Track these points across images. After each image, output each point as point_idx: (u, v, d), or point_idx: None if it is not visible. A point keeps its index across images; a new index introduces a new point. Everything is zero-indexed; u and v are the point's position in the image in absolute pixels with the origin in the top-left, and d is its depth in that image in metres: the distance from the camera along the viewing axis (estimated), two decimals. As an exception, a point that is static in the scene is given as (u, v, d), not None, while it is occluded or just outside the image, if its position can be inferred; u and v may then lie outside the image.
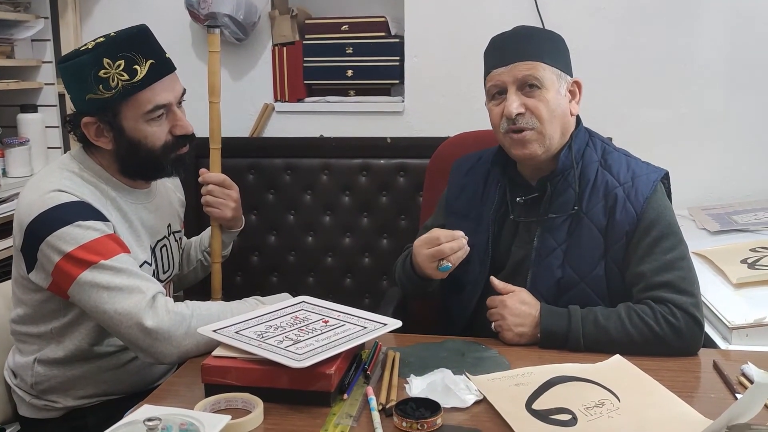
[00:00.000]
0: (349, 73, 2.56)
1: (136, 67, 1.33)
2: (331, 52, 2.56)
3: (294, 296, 1.46)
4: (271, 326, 1.28)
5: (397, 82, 2.57)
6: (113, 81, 1.32)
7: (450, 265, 1.37)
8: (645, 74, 2.41)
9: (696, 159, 2.41)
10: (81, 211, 1.30)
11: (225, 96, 2.62)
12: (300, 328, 1.27)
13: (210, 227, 1.72)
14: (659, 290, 1.35)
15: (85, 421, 1.43)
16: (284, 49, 2.59)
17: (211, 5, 2.41)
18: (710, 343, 1.48)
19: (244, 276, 2.67)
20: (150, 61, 1.35)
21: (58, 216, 1.29)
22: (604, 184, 1.43)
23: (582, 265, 1.42)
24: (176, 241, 1.61)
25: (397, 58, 2.53)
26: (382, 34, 2.53)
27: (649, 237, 1.38)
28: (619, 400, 1.13)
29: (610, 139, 1.73)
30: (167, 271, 1.55)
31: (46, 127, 2.53)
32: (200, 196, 1.64)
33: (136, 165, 1.42)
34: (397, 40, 2.53)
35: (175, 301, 1.36)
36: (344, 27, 2.54)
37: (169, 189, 1.64)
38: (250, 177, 2.61)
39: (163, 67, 1.39)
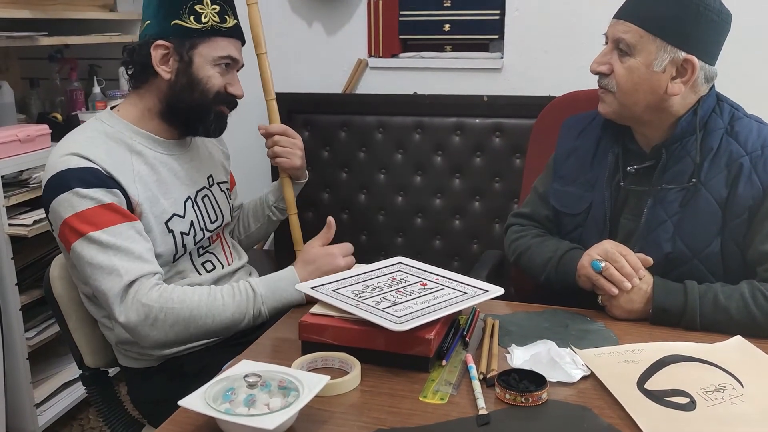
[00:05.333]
0: (446, 27, 2.47)
1: (227, 17, 1.42)
2: (429, 4, 2.47)
3: (384, 257, 1.43)
4: (368, 286, 1.25)
5: (497, 37, 2.46)
6: (205, 17, 1.39)
7: (602, 265, 1.28)
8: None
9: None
10: (84, 177, 1.30)
11: (319, 51, 2.62)
12: (398, 290, 1.24)
13: (273, 183, 1.71)
14: None
15: (182, 369, 1.45)
16: (380, 2, 2.52)
17: (308, -43, 2.37)
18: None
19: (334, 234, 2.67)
20: (235, 21, 1.45)
21: (62, 181, 1.30)
22: (728, 153, 1.31)
23: (695, 240, 1.32)
24: (222, 191, 1.60)
25: (498, 11, 2.42)
26: (483, -14, 2.42)
27: None
28: (742, 386, 1.04)
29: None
30: (215, 221, 1.53)
31: (146, 79, 2.57)
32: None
33: (184, 104, 1.42)
34: (499, -7, 2.42)
35: (242, 266, 1.41)
36: (443, -21, 2.45)
37: (209, 142, 1.63)
38: (341, 134, 2.59)
39: (241, 34, 1.48)
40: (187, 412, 0.96)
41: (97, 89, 2.48)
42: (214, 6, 1.39)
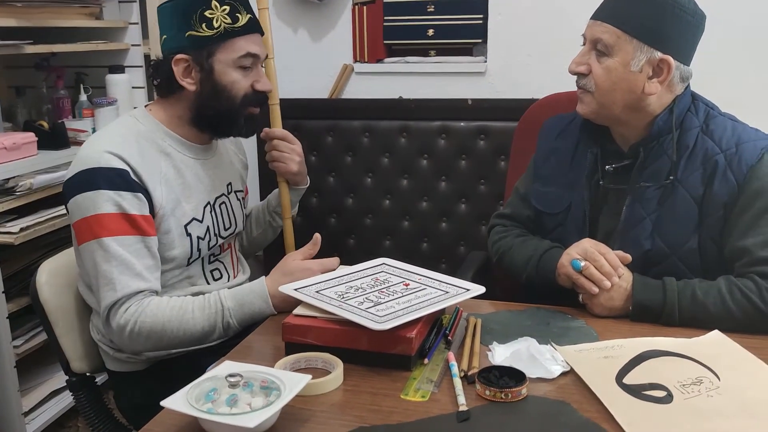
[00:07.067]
0: (430, 32, 2.49)
1: (239, 15, 1.41)
2: (412, 10, 2.50)
3: (371, 259, 1.44)
4: (351, 287, 1.26)
5: (480, 41, 2.48)
6: (216, 22, 1.38)
7: (582, 264, 1.29)
8: (749, 31, 2.23)
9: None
10: (112, 178, 1.32)
11: (305, 57, 2.64)
12: (380, 290, 1.25)
13: (275, 190, 1.72)
14: (766, 265, 1.25)
15: (169, 373, 1.46)
16: (364, 8, 2.54)
17: (293, -37, 2.39)
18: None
19: (322, 238, 2.68)
20: (249, 15, 1.43)
21: (91, 179, 1.33)
22: (704, 150, 1.33)
23: (673, 237, 1.34)
24: (238, 200, 1.62)
25: (480, 16, 2.44)
26: (466, -9, 2.45)
27: (753, 209, 1.28)
28: (718, 379, 1.06)
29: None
30: (228, 228, 1.56)
31: (133, 87, 2.58)
32: (265, 163, 1.66)
33: (213, 111, 1.43)
34: (481, -3, 2.44)
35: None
36: (426, -16, 2.47)
37: (231, 150, 1.66)
38: (328, 139, 2.61)
39: (257, 26, 1.47)
40: (171, 412, 0.97)
41: (83, 97, 2.48)
42: (224, 7, 1.39)
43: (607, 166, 1.41)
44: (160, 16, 1.44)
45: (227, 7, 1.39)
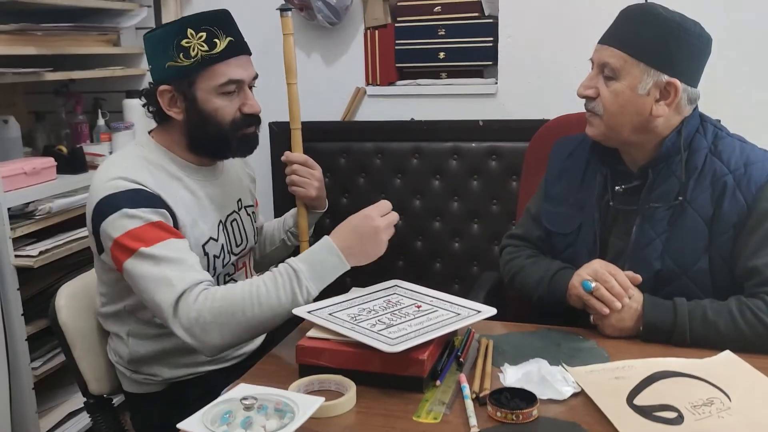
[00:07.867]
0: (441, 55, 2.52)
1: (216, 40, 1.38)
2: (423, 34, 2.53)
3: (385, 280, 1.46)
4: (363, 309, 1.28)
5: (491, 63, 2.51)
6: (193, 50, 1.37)
7: (593, 285, 1.30)
8: (756, 50, 2.24)
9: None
10: (133, 198, 1.33)
11: (317, 80, 2.67)
12: (393, 312, 1.26)
13: (293, 209, 1.74)
14: None
15: (185, 395, 1.48)
16: (376, 32, 2.58)
17: (305, -11, 2.43)
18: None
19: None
20: (229, 38, 1.40)
21: (112, 203, 1.33)
22: (712, 171, 1.35)
23: (684, 258, 1.34)
24: (248, 215, 1.64)
25: (491, 38, 2.47)
26: (476, 14, 2.48)
27: (762, 229, 1.29)
28: (729, 400, 1.06)
29: (719, 121, 1.62)
30: (240, 244, 1.57)
31: (149, 112, 2.63)
32: (285, 180, 1.66)
33: (203, 139, 1.45)
34: (491, 21, 2.47)
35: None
36: (436, 8, 2.50)
37: (237, 165, 1.67)
38: (341, 161, 2.64)
39: (241, 47, 1.44)
40: (187, 435, 0.98)
41: (101, 122, 2.54)
42: (201, 34, 1.37)
43: (616, 187, 1.42)
44: (145, 46, 1.45)
45: (203, 34, 1.37)
